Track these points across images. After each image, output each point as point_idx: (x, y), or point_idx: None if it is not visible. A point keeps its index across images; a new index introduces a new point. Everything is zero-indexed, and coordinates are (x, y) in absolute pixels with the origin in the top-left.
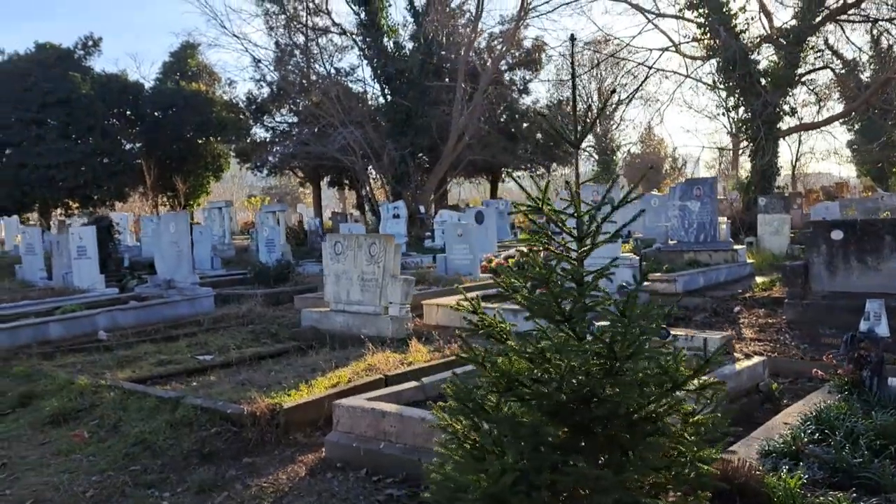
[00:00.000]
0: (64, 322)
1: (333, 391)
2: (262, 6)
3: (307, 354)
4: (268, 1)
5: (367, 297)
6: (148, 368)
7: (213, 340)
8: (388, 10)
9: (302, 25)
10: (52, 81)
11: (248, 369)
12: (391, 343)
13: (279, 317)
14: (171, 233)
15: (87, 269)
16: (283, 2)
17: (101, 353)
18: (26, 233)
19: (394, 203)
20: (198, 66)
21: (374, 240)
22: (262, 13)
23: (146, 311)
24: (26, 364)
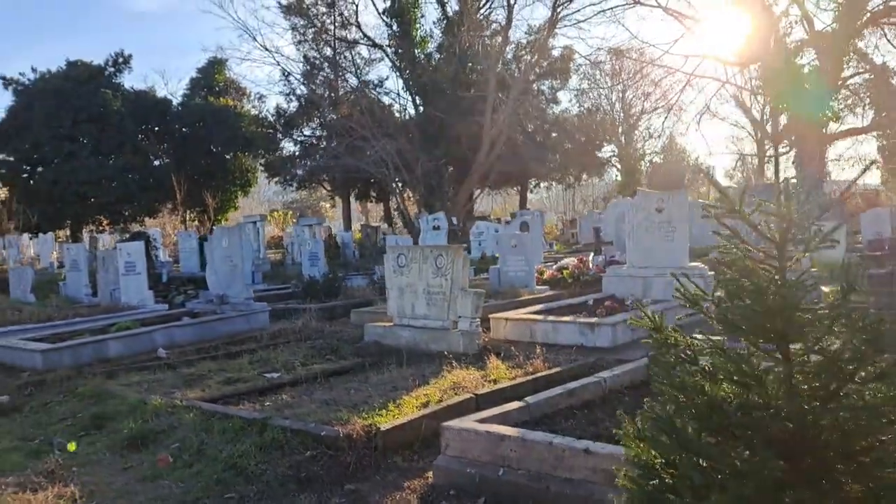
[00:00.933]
0: (122, 340)
1: (427, 412)
2: (289, 20)
3: (379, 371)
4: (295, 15)
5: (433, 311)
6: (216, 387)
7: (274, 357)
8: (420, 21)
9: (330, 38)
10: (84, 98)
11: (321, 387)
12: (464, 359)
13: (337, 332)
14: (223, 247)
15: (135, 286)
16: (310, 16)
17: (164, 371)
18: (71, 249)
19: (433, 214)
20: (225, 81)
21: (441, 251)
22: (290, 28)
23: (203, 328)
24: (91, 383)
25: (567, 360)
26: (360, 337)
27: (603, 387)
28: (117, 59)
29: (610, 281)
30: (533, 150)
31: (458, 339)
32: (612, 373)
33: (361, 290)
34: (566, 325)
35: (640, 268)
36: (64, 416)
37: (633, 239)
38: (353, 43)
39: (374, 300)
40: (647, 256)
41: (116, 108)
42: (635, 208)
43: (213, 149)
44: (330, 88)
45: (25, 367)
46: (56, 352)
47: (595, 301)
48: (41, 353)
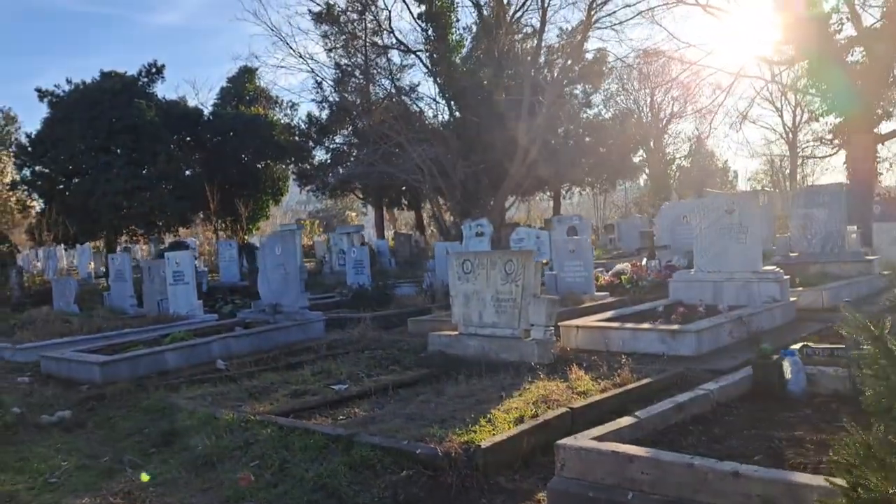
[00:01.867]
0: (180, 351)
1: (525, 427)
2: (319, 28)
3: (451, 383)
4: (326, 23)
5: (503, 319)
6: (284, 400)
7: (336, 368)
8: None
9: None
10: (119, 109)
11: (393, 400)
12: (540, 369)
13: (395, 341)
14: (276, 255)
15: (184, 295)
16: (341, 23)
17: (226, 383)
18: (115, 259)
19: (476, 220)
20: (256, 90)
21: (511, 257)
22: (321, 35)
23: (259, 338)
24: (154, 397)
25: (653, 370)
26: (421, 347)
27: (711, 400)
28: (150, 69)
29: (677, 286)
30: (567, 155)
31: (531, 349)
32: (719, 384)
33: (411, 298)
34: (645, 332)
35: (709, 272)
36: (130, 432)
37: (702, 242)
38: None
39: (430, 308)
40: (716, 260)
41: (150, 119)
42: (704, 210)
43: (244, 158)
44: (362, 95)
45: (83, 380)
46: (114, 364)
47: (665, 307)
48: (100, 365)
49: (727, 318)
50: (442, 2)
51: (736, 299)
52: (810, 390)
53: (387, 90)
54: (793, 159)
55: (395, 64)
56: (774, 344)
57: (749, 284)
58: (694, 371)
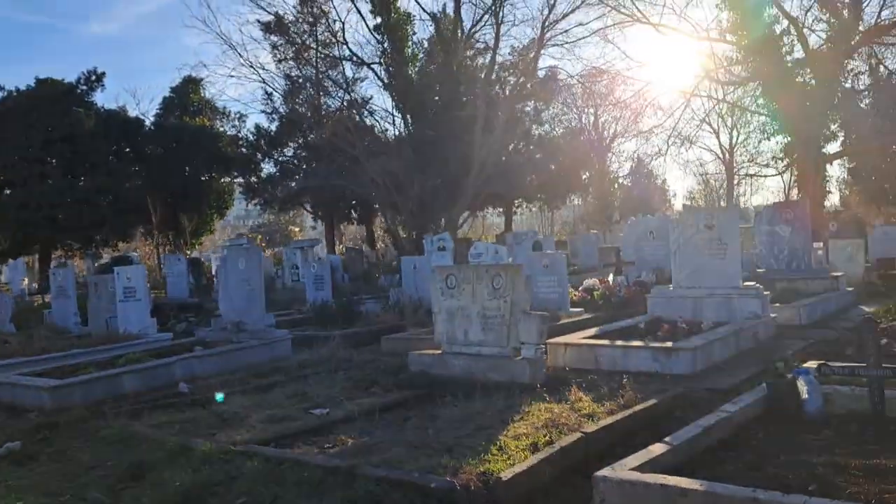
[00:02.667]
0: (138, 373)
1: (542, 456)
2: (269, 38)
3: (441, 406)
4: (275, 33)
5: (490, 337)
6: (262, 427)
7: (311, 390)
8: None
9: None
10: (56, 118)
11: (383, 426)
12: (533, 390)
13: (370, 361)
14: (240, 269)
15: (136, 313)
16: (290, 34)
17: (192, 408)
18: (58, 274)
19: (438, 235)
20: (200, 101)
21: (499, 271)
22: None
23: (224, 359)
24: (115, 424)
25: (652, 389)
26: (400, 367)
27: (732, 423)
28: (90, 76)
29: (655, 302)
30: (519, 171)
31: (522, 368)
32: (737, 406)
33: (378, 315)
34: (637, 350)
35: (688, 288)
36: (92, 465)
37: (680, 258)
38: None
39: (402, 325)
40: (694, 276)
41: (89, 128)
42: (682, 225)
43: (188, 170)
44: (312, 108)
45: (30, 406)
46: (66, 388)
47: (647, 324)
48: (49, 390)
49: (717, 335)
50: (398, 14)
51: (717, 315)
52: (826, 410)
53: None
54: (729, 179)
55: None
56: (765, 361)
57: (730, 300)
58: (695, 390)
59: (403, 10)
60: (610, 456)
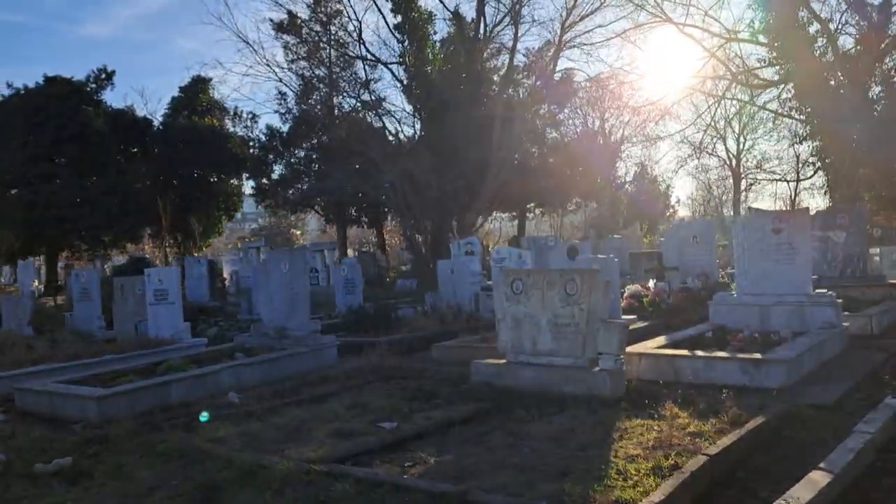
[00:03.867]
0: (185, 382)
1: (676, 482)
2: (280, 38)
3: (516, 420)
4: (288, 33)
5: (563, 346)
6: (331, 443)
7: (369, 401)
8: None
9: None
10: (65, 116)
11: (458, 442)
12: (616, 405)
13: (423, 370)
14: (283, 272)
15: (167, 317)
16: (302, 34)
17: (248, 420)
18: (81, 276)
19: (465, 238)
20: (209, 101)
21: (573, 276)
22: (282, 46)
23: (271, 367)
24: (172, 438)
25: (749, 405)
26: (457, 376)
27: (875, 446)
28: (99, 74)
29: (718, 310)
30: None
31: (603, 381)
32: (874, 427)
33: (417, 320)
34: (722, 362)
35: (754, 295)
36: (154, 485)
37: (744, 263)
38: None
39: (448, 331)
40: (761, 282)
41: (98, 127)
42: (747, 229)
43: (199, 172)
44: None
45: (73, 418)
46: (113, 398)
47: (714, 333)
48: (96, 400)
49: (803, 345)
50: (419, 13)
51: (787, 324)
52: None
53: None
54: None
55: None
56: (852, 373)
57: (801, 309)
58: (798, 406)
59: (425, 9)
60: (733, 481)
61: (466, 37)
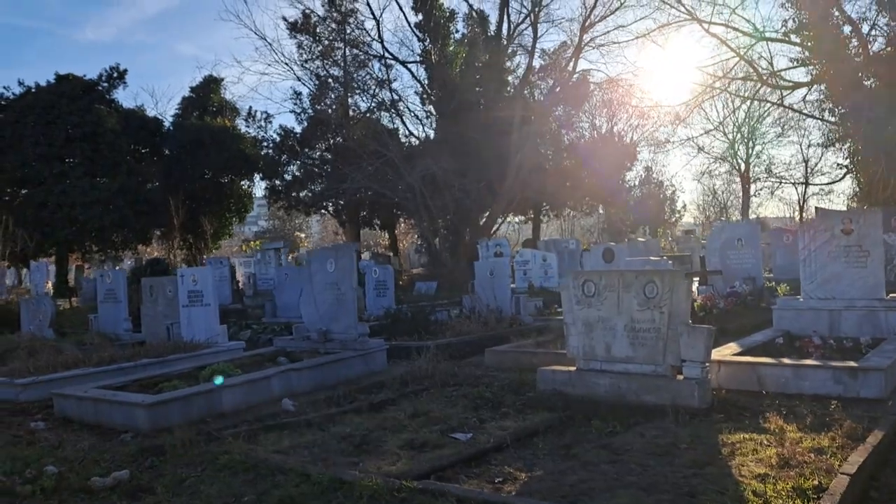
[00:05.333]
0: (236, 388)
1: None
2: (294, 37)
3: (602, 432)
4: (302, 33)
5: (641, 353)
6: (407, 455)
7: (432, 410)
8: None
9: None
10: (78, 115)
11: (543, 455)
12: (707, 416)
13: (479, 376)
14: (329, 272)
15: (203, 319)
16: (317, 33)
17: (311, 430)
18: (107, 276)
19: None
20: (220, 101)
21: (653, 277)
22: (296, 46)
23: (321, 372)
24: (234, 449)
25: (855, 416)
26: (519, 383)
27: None
28: (112, 73)
29: (783, 315)
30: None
31: (690, 390)
32: None
33: (458, 323)
34: (812, 370)
35: (821, 299)
36: (225, 502)
37: (810, 266)
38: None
39: (494, 336)
40: (830, 286)
41: (111, 126)
42: (814, 230)
43: (210, 172)
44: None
45: (120, 426)
46: (164, 406)
47: (785, 340)
48: (147, 407)
49: (894, 352)
50: (441, 11)
51: (858, 330)
52: None
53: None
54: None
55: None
56: None
57: (874, 313)
58: None
59: (447, 7)
60: (867, 501)
61: (489, 36)
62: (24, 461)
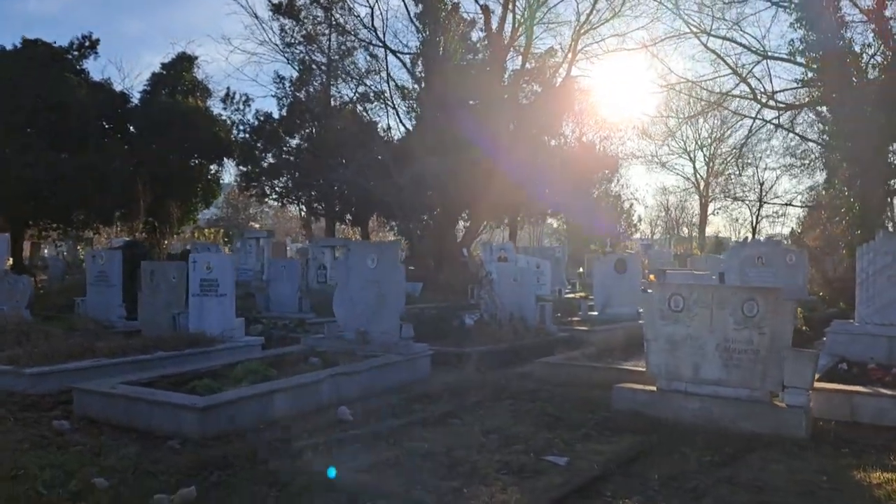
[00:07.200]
0: (287, 393)
1: None
2: (277, 20)
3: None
4: (284, 16)
5: (735, 375)
6: (510, 482)
7: (502, 426)
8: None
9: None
10: (44, 84)
11: (661, 488)
12: (818, 448)
13: (534, 389)
14: (369, 269)
15: (217, 311)
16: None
17: (378, 444)
18: (99, 257)
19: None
20: (192, 81)
21: (753, 295)
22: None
23: (367, 377)
24: (311, 467)
25: None
26: (580, 399)
27: None
28: (83, 42)
29: (837, 339)
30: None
31: (796, 419)
32: None
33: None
34: None
35: (880, 325)
36: None
37: (868, 290)
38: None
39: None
40: (889, 311)
41: (80, 98)
42: (872, 253)
43: (177, 153)
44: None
45: (159, 430)
46: (216, 410)
47: (849, 366)
48: (200, 411)
49: None
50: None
51: None
52: None
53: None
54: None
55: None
56: None
57: None
58: None
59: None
60: None
61: (492, 33)
62: (63, 470)
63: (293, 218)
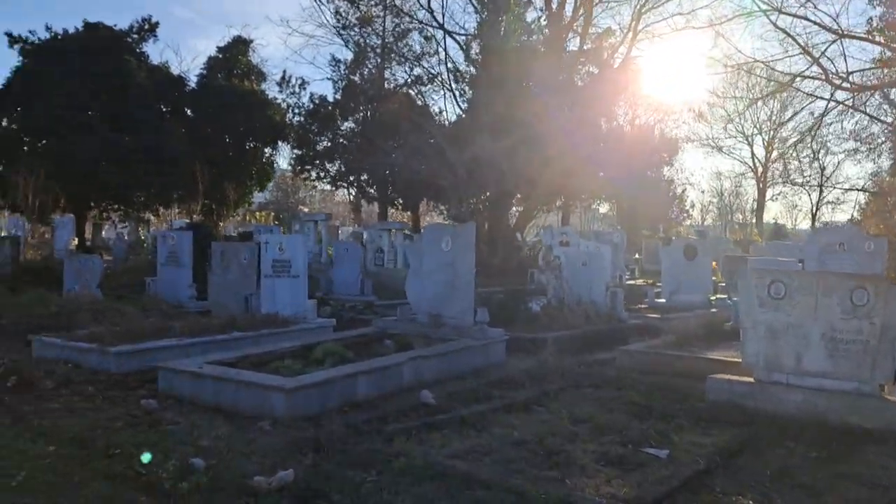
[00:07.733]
0: (370, 376)
1: None
2: (332, 2)
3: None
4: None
5: (841, 367)
6: (612, 475)
7: (589, 414)
8: (514, 11)
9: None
10: (106, 66)
11: (774, 484)
12: None
13: (617, 378)
14: (443, 251)
15: (289, 292)
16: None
17: (467, 430)
18: (169, 238)
19: (561, 228)
20: (247, 64)
21: (863, 283)
22: (333, 12)
23: (445, 361)
24: (407, 450)
25: None
26: (666, 387)
27: None
28: (143, 25)
29: None
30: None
31: None
32: None
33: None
34: None
35: None
36: None
37: None
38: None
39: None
40: None
41: (140, 81)
42: None
43: (230, 137)
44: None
45: (247, 411)
46: (303, 392)
47: None
48: (287, 393)
49: None
50: None
51: None
52: None
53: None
54: (761, 193)
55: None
56: None
57: None
58: None
59: None
60: None
61: (552, 12)
62: (158, 449)
63: (341, 202)
